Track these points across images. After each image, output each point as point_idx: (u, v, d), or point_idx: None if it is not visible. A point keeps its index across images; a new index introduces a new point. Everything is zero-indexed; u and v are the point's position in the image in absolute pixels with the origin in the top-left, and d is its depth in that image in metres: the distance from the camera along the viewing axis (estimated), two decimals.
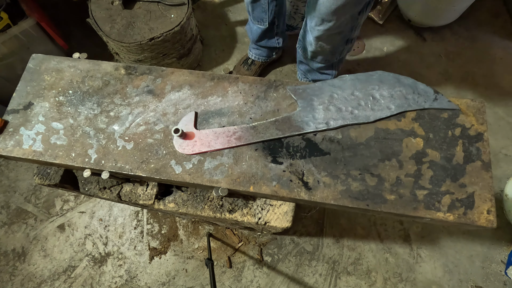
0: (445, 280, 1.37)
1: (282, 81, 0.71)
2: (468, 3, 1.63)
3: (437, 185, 0.59)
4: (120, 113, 0.70)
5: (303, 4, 1.62)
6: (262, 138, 0.64)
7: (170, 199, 0.77)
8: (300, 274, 1.40)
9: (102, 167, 0.65)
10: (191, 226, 1.48)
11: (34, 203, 1.56)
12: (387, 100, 0.65)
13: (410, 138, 0.63)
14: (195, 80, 0.72)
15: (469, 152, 0.61)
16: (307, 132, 0.65)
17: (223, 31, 1.92)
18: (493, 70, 1.77)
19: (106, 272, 1.43)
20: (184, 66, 1.67)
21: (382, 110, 0.65)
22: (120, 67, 0.75)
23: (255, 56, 1.66)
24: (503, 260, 1.39)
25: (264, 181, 0.62)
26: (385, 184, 0.60)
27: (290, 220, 0.70)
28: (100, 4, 1.40)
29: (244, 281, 1.39)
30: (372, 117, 0.64)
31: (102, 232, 1.50)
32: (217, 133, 0.66)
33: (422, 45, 1.78)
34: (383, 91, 0.66)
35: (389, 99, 0.65)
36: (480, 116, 0.64)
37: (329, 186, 0.61)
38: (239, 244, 1.45)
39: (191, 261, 1.43)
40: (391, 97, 0.66)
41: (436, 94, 0.65)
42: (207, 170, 0.64)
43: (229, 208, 0.73)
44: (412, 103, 0.65)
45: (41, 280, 1.42)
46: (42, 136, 0.69)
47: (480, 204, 0.57)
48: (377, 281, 1.38)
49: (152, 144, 0.67)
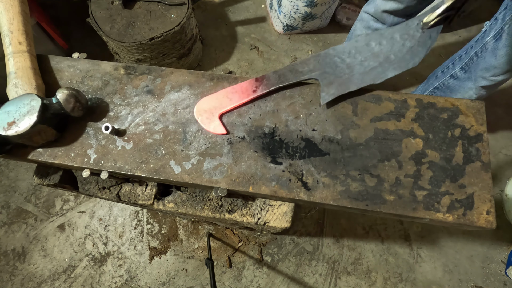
0: (445, 280, 1.37)
1: None
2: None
3: (436, 186, 0.59)
4: (119, 113, 0.70)
5: (303, 4, 1.61)
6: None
7: (169, 199, 0.77)
8: (300, 274, 1.40)
9: (101, 167, 0.65)
10: (191, 226, 1.48)
11: (34, 203, 1.56)
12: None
13: (410, 138, 0.63)
14: (194, 80, 0.72)
15: (468, 152, 0.61)
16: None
17: (223, 31, 1.92)
18: None
19: (106, 272, 1.43)
20: (184, 66, 1.67)
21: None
22: (119, 67, 0.75)
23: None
24: (503, 260, 1.39)
25: (264, 181, 0.62)
26: (384, 184, 0.60)
27: (289, 221, 0.70)
28: (100, 4, 1.40)
29: (244, 281, 1.39)
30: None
31: (102, 232, 1.50)
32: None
33: None
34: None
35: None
36: (480, 117, 0.64)
37: (328, 187, 0.60)
38: (239, 244, 1.45)
39: (191, 261, 1.43)
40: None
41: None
42: (206, 170, 0.64)
43: (228, 208, 0.73)
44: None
45: (41, 280, 1.42)
46: None
47: (479, 204, 0.57)
48: (377, 281, 1.38)
49: (151, 144, 0.67)
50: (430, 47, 0.64)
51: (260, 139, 0.66)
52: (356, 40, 0.68)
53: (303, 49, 1.86)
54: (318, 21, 1.80)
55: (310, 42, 1.88)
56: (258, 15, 1.99)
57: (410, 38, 0.66)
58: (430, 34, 0.65)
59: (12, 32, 0.65)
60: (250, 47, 1.90)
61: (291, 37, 1.89)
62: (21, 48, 0.65)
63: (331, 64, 0.67)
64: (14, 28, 0.65)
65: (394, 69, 0.64)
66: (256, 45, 1.91)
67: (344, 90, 0.64)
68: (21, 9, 0.67)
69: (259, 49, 1.89)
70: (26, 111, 0.56)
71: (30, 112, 0.56)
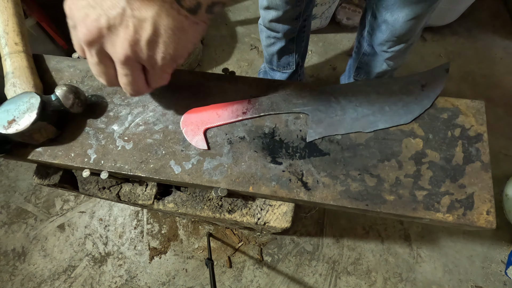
0: (445, 280, 1.37)
1: (282, 82, 0.71)
2: (468, 3, 1.63)
3: (436, 186, 0.59)
4: (119, 113, 0.70)
5: None
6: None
7: (169, 199, 0.77)
8: (300, 274, 1.40)
9: (101, 167, 0.65)
10: (191, 226, 1.48)
11: (34, 203, 1.56)
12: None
13: (410, 138, 0.63)
14: (194, 80, 0.72)
15: (468, 152, 0.61)
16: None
17: (223, 31, 1.92)
18: (493, 70, 1.77)
19: (106, 272, 1.43)
20: (184, 66, 1.67)
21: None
22: None
23: None
24: (503, 260, 1.39)
25: (264, 181, 0.62)
26: (384, 184, 0.60)
27: (289, 221, 0.70)
28: None
29: (244, 281, 1.39)
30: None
31: (102, 232, 1.50)
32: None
33: (422, 45, 1.78)
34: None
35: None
36: (480, 117, 0.64)
37: (328, 187, 0.61)
38: (239, 244, 1.45)
39: (191, 261, 1.43)
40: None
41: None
42: (206, 171, 0.64)
43: (228, 209, 0.73)
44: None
45: (41, 280, 1.42)
46: None
47: (479, 205, 0.57)
48: (377, 281, 1.38)
49: (151, 144, 0.67)
50: (426, 109, 0.64)
51: (260, 139, 0.66)
52: (355, 84, 0.68)
53: None
54: (318, 21, 1.80)
55: (310, 42, 1.88)
56: (258, 15, 1.99)
57: (409, 94, 0.65)
58: (429, 94, 0.65)
59: (8, 34, 0.66)
60: (250, 47, 1.90)
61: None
62: (17, 48, 0.66)
63: (325, 102, 0.67)
64: (10, 29, 0.66)
65: (385, 121, 0.64)
66: (256, 45, 1.91)
67: (332, 132, 0.64)
68: (15, 11, 0.68)
69: (259, 49, 1.89)
70: (26, 109, 0.56)
71: (30, 109, 0.56)
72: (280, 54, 1.29)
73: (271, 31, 1.19)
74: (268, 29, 1.19)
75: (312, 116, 0.66)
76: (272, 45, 1.25)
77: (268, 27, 1.17)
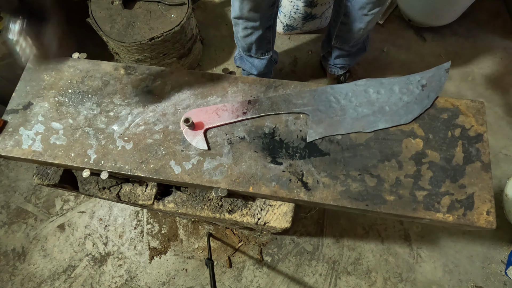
0: (445, 280, 1.37)
1: (282, 81, 0.71)
2: (468, 3, 1.63)
3: (436, 186, 0.59)
4: (119, 113, 0.70)
5: (303, 3, 1.61)
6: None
7: (169, 200, 0.77)
8: (300, 274, 1.40)
9: (101, 167, 0.65)
10: (191, 226, 1.48)
11: (34, 203, 1.56)
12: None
13: (410, 138, 0.63)
14: (194, 80, 0.72)
15: (468, 153, 0.61)
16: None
17: (223, 31, 1.92)
18: (493, 70, 1.77)
19: (106, 272, 1.43)
20: (184, 66, 1.67)
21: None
22: (119, 67, 0.75)
23: None
24: (503, 260, 1.39)
25: (264, 181, 0.62)
26: (384, 184, 0.60)
27: (289, 221, 0.70)
28: (100, 4, 1.40)
29: (244, 281, 1.39)
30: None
31: (102, 232, 1.50)
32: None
33: (422, 45, 1.78)
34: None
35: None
36: (480, 117, 0.64)
37: (328, 187, 0.60)
38: (239, 244, 1.45)
39: (191, 261, 1.43)
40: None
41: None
42: (207, 171, 0.64)
43: (228, 209, 0.73)
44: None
45: (41, 280, 1.42)
46: (41, 136, 0.69)
47: (479, 205, 0.57)
48: (377, 281, 1.38)
49: (151, 144, 0.67)
50: (426, 108, 0.64)
51: (260, 139, 0.66)
52: (356, 84, 0.68)
53: (303, 49, 1.85)
54: (318, 21, 1.80)
55: (310, 42, 1.88)
56: None
57: (409, 93, 0.65)
58: (429, 94, 0.65)
59: None
60: None
61: (291, 37, 1.89)
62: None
63: (326, 102, 0.67)
64: None
65: (385, 121, 0.64)
66: None
67: (332, 132, 0.64)
68: None
69: None
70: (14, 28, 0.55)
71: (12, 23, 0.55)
72: (258, 43, 1.33)
73: (248, 21, 1.23)
74: (246, 19, 1.22)
75: (312, 116, 0.66)
76: (250, 35, 1.29)
77: (246, 17, 1.20)
